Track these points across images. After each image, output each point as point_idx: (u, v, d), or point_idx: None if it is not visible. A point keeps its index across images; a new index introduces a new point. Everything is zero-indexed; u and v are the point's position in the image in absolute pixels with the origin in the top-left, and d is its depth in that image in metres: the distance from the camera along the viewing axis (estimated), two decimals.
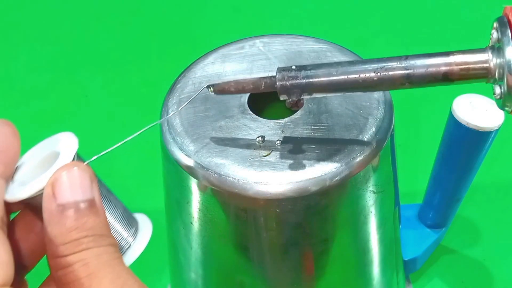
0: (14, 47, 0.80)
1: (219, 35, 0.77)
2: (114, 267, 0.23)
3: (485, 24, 0.77)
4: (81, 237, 0.23)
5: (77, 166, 0.24)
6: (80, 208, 0.23)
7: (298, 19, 0.80)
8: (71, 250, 0.23)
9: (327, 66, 0.29)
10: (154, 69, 0.74)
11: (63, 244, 0.23)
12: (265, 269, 0.36)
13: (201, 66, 0.38)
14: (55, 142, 0.26)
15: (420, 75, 0.27)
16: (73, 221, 0.23)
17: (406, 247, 0.46)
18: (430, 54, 0.27)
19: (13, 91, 0.74)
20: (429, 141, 0.49)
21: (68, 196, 0.23)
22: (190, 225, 0.36)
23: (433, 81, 0.27)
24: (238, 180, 0.32)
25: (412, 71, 0.27)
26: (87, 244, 0.23)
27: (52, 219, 0.23)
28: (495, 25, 0.27)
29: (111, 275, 0.23)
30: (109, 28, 0.81)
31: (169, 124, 0.35)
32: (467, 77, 0.27)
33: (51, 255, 0.23)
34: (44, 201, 0.24)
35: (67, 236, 0.23)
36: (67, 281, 0.23)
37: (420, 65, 0.27)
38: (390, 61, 0.28)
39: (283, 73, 0.29)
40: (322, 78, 0.29)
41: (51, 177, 0.24)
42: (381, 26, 0.78)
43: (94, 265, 0.23)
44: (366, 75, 0.28)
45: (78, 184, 0.24)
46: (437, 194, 0.47)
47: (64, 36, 0.80)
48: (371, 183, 0.34)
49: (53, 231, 0.23)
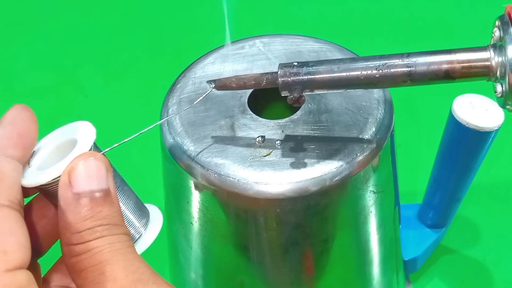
0: (14, 47, 0.80)
1: (219, 35, 0.76)
2: (127, 255, 0.24)
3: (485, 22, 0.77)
4: (95, 226, 0.24)
5: (94, 156, 0.25)
6: (95, 197, 0.24)
7: (298, 19, 0.80)
8: (85, 238, 0.23)
9: (329, 62, 0.29)
10: (154, 69, 0.74)
11: (78, 232, 0.24)
12: (265, 269, 0.36)
13: (201, 66, 0.38)
14: (73, 129, 0.27)
15: (422, 73, 0.27)
16: (88, 210, 0.24)
17: (406, 247, 0.46)
18: (432, 51, 0.27)
19: (13, 91, 0.74)
20: (429, 141, 0.49)
21: (84, 185, 0.24)
22: (190, 225, 0.36)
23: (435, 79, 0.27)
24: (238, 180, 0.32)
25: (414, 69, 0.27)
26: (101, 232, 0.24)
27: (68, 207, 0.24)
28: (497, 23, 0.27)
29: (124, 262, 0.23)
30: (109, 28, 0.81)
31: (169, 124, 0.35)
32: (468, 75, 0.27)
33: (65, 242, 0.24)
34: (61, 188, 0.24)
35: (82, 224, 0.24)
36: (80, 268, 0.23)
37: (422, 62, 0.27)
38: (392, 58, 0.28)
39: (285, 69, 0.29)
40: (324, 74, 0.29)
41: (68, 165, 0.24)
42: (381, 26, 0.78)
43: (108, 253, 0.23)
44: (367, 72, 0.28)
45: (94, 173, 0.24)
46: (437, 194, 0.47)
47: (64, 36, 0.80)
48: (371, 183, 0.34)
49: (69, 218, 0.24)
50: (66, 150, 0.26)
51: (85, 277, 0.23)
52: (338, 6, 0.81)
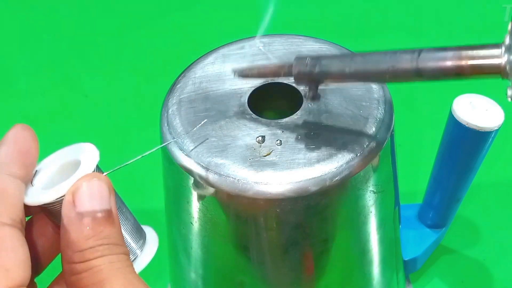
0: (14, 47, 0.80)
1: (219, 35, 0.77)
2: (126, 274, 0.24)
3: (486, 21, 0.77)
4: (97, 245, 0.24)
5: (97, 177, 0.25)
6: (97, 217, 0.24)
7: (298, 19, 0.80)
8: (87, 257, 0.24)
9: (341, 59, 0.30)
10: (154, 69, 0.74)
11: (80, 250, 0.24)
12: (265, 269, 0.36)
13: (201, 66, 0.38)
14: (76, 151, 0.27)
15: (431, 70, 0.27)
16: (90, 229, 0.24)
17: (406, 247, 0.46)
18: (442, 48, 0.27)
19: (13, 91, 0.74)
20: (429, 141, 0.49)
21: (87, 205, 0.24)
22: (190, 225, 0.36)
23: (445, 76, 0.27)
24: (238, 180, 0.32)
25: (424, 66, 0.27)
26: (102, 251, 0.24)
27: (71, 226, 0.24)
28: (509, 27, 0.27)
29: (124, 280, 0.24)
30: (109, 28, 0.81)
31: (169, 124, 0.35)
32: (479, 72, 0.27)
33: (67, 260, 0.24)
34: (64, 208, 0.25)
35: (84, 243, 0.24)
36: (80, 286, 0.24)
37: (432, 59, 0.27)
38: (401, 56, 0.28)
39: (300, 65, 0.31)
40: (336, 71, 0.30)
41: (72, 185, 0.25)
42: (381, 26, 0.78)
43: (108, 272, 0.24)
44: (378, 68, 0.28)
45: (97, 194, 0.25)
46: (437, 194, 0.47)
47: (64, 36, 0.80)
48: (371, 183, 0.34)
49: (71, 237, 0.24)
50: (70, 170, 0.26)
51: None
52: (338, 6, 0.81)
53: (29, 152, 0.26)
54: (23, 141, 0.26)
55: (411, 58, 0.27)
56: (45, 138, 0.73)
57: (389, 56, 0.28)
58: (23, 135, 0.26)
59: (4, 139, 0.26)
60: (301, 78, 0.31)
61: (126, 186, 0.56)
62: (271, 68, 0.32)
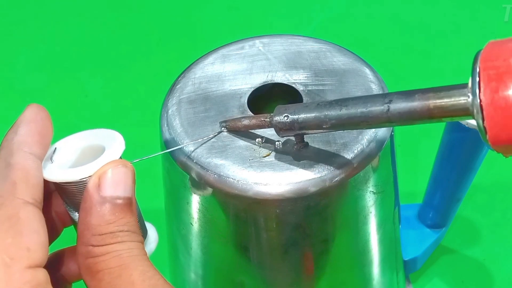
0: (14, 47, 0.80)
1: (219, 35, 0.77)
2: (143, 261, 0.25)
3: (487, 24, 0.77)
4: (117, 231, 0.24)
5: (124, 165, 0.26)
6: (119, 204, 0.25)
7: (298, 19, 0.80)
8: (106, 241, 0.24)
9: (316, 113, 0.29)
10: (154, 69, 0.74)
11: (100, 234, 0.24)
12: (265, 270, 0.36)
13: (201, 66, 0.38)
14: (100, 135, 0.28)
15: (402, 120, 0.27)
16: (112, 214, 0.24)
17: (406, 247, 0.46)
18: (410, 95, 0.26)
19: (13, 91, 0.74)
20: (429, 141, 0.49)
21: (112, 191, 0.25)
22: (190, 226, 0.36)
23: (418, 122, 0.27)
24: (238, 181, 0.32)
25: (395, 118, 0.27)
26: (122, 238, 0.24)
27: (93, 209, 0.24)
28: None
29: (141, 268, 0.24)
30: (109, 28, 0.81)
31: (169, 124, 0.35)
32: (449, 115, 0.26)
33: (84, 242, 0.25)
34: (89, 190, 0.25)
35: (105, 227, 0.24)
36: (97, 269, 0.24)
37: (402, 110, 0.27)
38: (373, 106, 0.27)
39: (278, 122, 0.31)
40: (313, 126, 0.30)
41: (99, 169, 0.25)
42: (381, 26, 0.78)
43: (127, 257, 0.24)
44: (353, 121, 0.28)
45: (122, 181, 0.25)
46: (437, 194, 0.47)
47: (64, 36, 0.80)
48: (371, 183, 0.34)
49: (92, 220, 0.24)
50: (93, 154, 0.27)
51: (101, 278, 0.24)
52: (338, 6, 0.81)
53: (46, 132, 0.27)
54: (41, 121, 0.27)
55: (381, 111, 0.27)
56: None
57: (361, 109, 0.28)
58: (41, 115, 0.27)
59: (22, 118, 0.26)
60: (284, 133, 0.31)
61: None
62: (255, 122, 0.32)
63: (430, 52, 0.72)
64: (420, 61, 0.71)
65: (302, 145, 0.32)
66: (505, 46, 0.23)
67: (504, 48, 0.23)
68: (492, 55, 0.23)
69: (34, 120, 0.26)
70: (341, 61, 0.38)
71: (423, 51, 0.73)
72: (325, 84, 0.36)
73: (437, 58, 0.71)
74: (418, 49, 0.73)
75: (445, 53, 0.71)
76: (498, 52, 0.23)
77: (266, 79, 0.37)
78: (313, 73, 0.37)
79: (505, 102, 0.22)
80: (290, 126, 0.30)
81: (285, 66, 0.37)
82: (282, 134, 0.32)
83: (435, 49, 0.73)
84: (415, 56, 0.72)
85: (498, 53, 0.23)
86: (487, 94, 0.23)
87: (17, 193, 0.24)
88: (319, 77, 0.37)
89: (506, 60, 0.22)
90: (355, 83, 0.36)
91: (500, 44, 0.23)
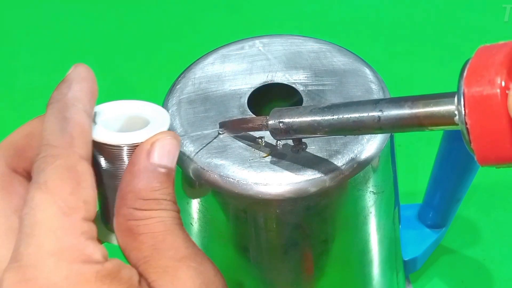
0: (14, 47, 0.80)
1: (219, 35, 0.77)
2: (184, 231, 0.25)
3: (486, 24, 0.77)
4: (162, 199, 0.25)
5: (174, 137, 0.26)
6: (165, 173, 0.25)
7: (298, 19, 0.80)
8: (151, 206, 0.25)
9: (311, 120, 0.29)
10: (154, 69, 0.74)
11: (145, 199, 0.25)
12: (265, 270, 0.36)
13: (201, 66, 0.38)
14: (144, 107, 0.28)
15: (393, 128, 0.27)
16: (158, 182, 0.25)
17: (406, 247, 0.46)
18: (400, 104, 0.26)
19: (13, 91, 0.74)
20: (429, 141, 0.49)
21: (161, 159, 0.25)
22: (189, 226, 0.36)
23: (408, 129, 0.27)
24: (238, 181, 0.32)
25: (385, 126, 0.27)
26: (166, 205, 0.25)
27: (141, 174, 0.25)
28: None
29: (184, 235, 0.25)
30: (109, 28, 0.81)
31: (169, 124, 0.35)
32: (439, 126, 0.26)
33: (127, 204, 0.25)
34: (140, 155, 0.25)
35: (150, 193, 0.25)
36: (138, 232, 0.24)
37: (390, 120, 0.26)
38: (363, 116, 0.27)
39: (274, 131, 0.31)
40: (306, 132, 0.30)
41: (151, 136, 0.26)
42: (381, 25, 0.78)
43: (170, 225, 0.25)
44: (345, 129, 0.28)
45: (171, 152, 0.26)
46: (437, 194, 0.47)
47: (64, 36, 0.80)
48: (371, 183, 0.34)
49: (139, 184, 0.25)
50: (138, 123, 0.27)
51: (143, 241, 0.24)
52: (338, 6, 0.81)
53: (96, 92, 0.27)
54: (92, 80, 0.27)
55: (372, 121, 0.27)
56: None
57: (352, 119, 0.28)
58: (90, 75, 0.27)
59: (74, 75, 0.27)
60: (280, 137, 0.32)
61: None
62: (252, 126, 0.33)
63: (430, 52, 0.72)
64: (419, 61, 0.71)
65: (302, 146, 0.32)
66: (491, 60, 0.22)
67: (490, 63, 0.22)
68: (477, 72, 0.22)
69: (86, 78, 0.27)
70: (341, 61, 0.38)
71: (423, 51, 0.73)
72: (325, 84, 0.36)
73: (437, 58, 0.71)
74: (417, 49, 0.73)
75: (445, 53, 0.71)
76: (483, 68, 0.22)
77: (266, 79, 0.37)
78: (313, 73, 0.37)
79: (491, 128, 0.22)
80: (285, 132, 0.31)
81: (285, 66, 0.37)
82: (278, 138, 0.32)
83: (435, 49, 0.73)
84: (414, 56, 0.72)
85: (483, 71, 0.22)
86: (472, 120, 0.22)
87: (75, 147, 0.24)
88: (319, 77, 0.37)
89: (491, 81, 0.22)
90: (355, 83, 0.36)
91: (487, 57, 0.22)
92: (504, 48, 0.22)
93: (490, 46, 0.23)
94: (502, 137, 0.22)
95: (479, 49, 0.23)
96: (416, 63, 0.71)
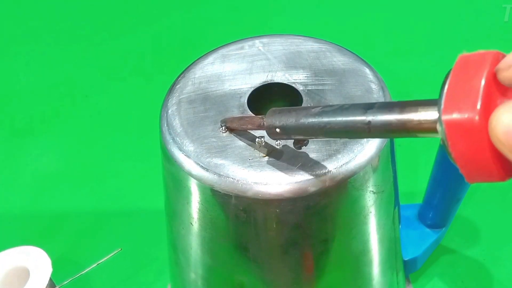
0: (14, 47, 0.80)
1: (219, 35, 0.77)
2: None
3: (486, 25, 0.77)
4: None
5: None
6: None
7: (298, 19, 0.80)
8: None
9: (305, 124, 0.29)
10: (154, 69, 0.74)
11: None
12: (265, 270, 0.36)
13: (201, 66, 0.38)
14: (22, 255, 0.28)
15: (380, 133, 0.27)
16: None
17: (406, 247, 0.46)
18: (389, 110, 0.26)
19: (13, 91, 0.74)
20: (429, 141, 0.49)
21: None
22: (189, 226, 0.36)
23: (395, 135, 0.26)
24: (238, 181, 0.32)
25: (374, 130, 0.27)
26: None
27: None
28: None
29: None
30: (109, 28, 0.81)
31: (169, 124, 0.35)
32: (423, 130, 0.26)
33: None
34: None
35: None
36: None
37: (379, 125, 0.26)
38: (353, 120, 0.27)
39: (271, 134, 0.31)
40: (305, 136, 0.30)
41: None
42: (380, 25, 0.78)
43: None
44: (338, 135, 0.29)
45: None
46: (437, 194, 0.47)
47: (64, 37, 0.80)
48: (371, 183, 0.34)
49: None
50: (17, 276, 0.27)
51: None
52: (338, 6, 0.81)
53: None
54: None
55: (362, 130, 0.27)
56: (46, 138, 0.73)
57: (343, 125, 0.27)
58: None
59: None
60: (278, 138, 0.32)
61: (127, 186, 0.56)
62: (251, 127, 0.33)
63: (430, 51, 0.72)
64: (419, 61, 0.71)
65: (301, 145, 0.32)
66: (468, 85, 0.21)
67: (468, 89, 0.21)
68: (458, 91, 0.21)
69: None
70: (341, 61, 0.38)
71: (423, 50, 0.73)
72: (325, 84, 0.36)
73: (437, 57, 0.71)
74: (417, 49, 0.73)
75: (445, 53, 0.71)
76: (461, 92, 0.21)
77: (266, 79, 0.37)
78: (313, 73, 0.37)
79: (473, 156, 0.21)
80: (280, 135, 0.31)
81: (285, 66, 0.37)
82: (274, 139, 0.32)
83: (435, 48, 0.73)
84: (414, 56, 0.72)
85: (460, 95, 0.21)
86: (454, 149, 0.22)
87: None
88: (319, 77, 0.37)
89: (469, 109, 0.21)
90: (355, 83, 0.36)
91: (464, 81, 0.21)
92: (482, 67, 0.21)
93: (469, 59, 0.22)
94: (486, 163, 0.21)
95: (458, 63, 0.22)
96: (416, 63, 0.71)
